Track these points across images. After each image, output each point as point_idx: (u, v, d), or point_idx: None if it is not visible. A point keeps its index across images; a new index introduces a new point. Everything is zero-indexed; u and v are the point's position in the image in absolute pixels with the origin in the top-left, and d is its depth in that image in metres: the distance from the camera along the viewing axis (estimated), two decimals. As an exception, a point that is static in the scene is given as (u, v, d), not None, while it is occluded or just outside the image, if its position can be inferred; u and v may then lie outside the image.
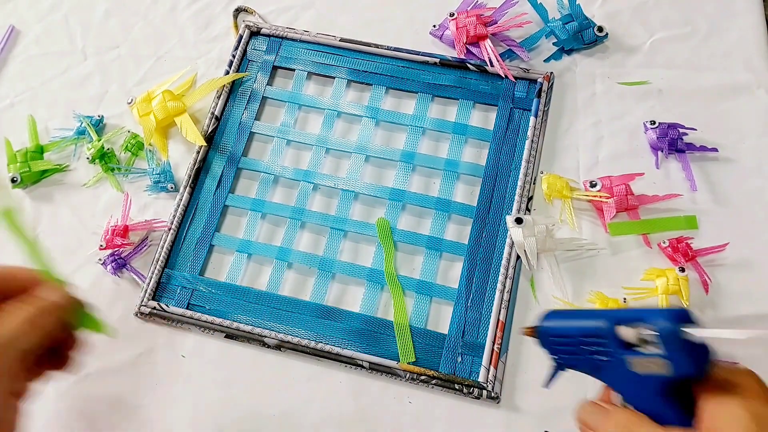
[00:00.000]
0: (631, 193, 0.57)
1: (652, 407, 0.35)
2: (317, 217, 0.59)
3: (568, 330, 0.38)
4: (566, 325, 0.39)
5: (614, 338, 0.35)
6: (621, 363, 0.35)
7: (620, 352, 0.35)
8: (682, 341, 0.33)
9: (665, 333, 0.33)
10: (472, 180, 0.60)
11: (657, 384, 0.34)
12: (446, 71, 0.64)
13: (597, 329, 0.36)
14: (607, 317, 0.36)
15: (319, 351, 0.53)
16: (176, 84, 0.65)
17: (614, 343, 0.35)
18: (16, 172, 0.61)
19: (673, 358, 0.33)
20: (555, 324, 0.39)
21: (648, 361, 0.34)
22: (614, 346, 0.35)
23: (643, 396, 0.35)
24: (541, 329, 0.40)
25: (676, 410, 0.34)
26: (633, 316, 0.35)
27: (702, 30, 0.65)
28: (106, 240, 0.58)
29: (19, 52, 0.70)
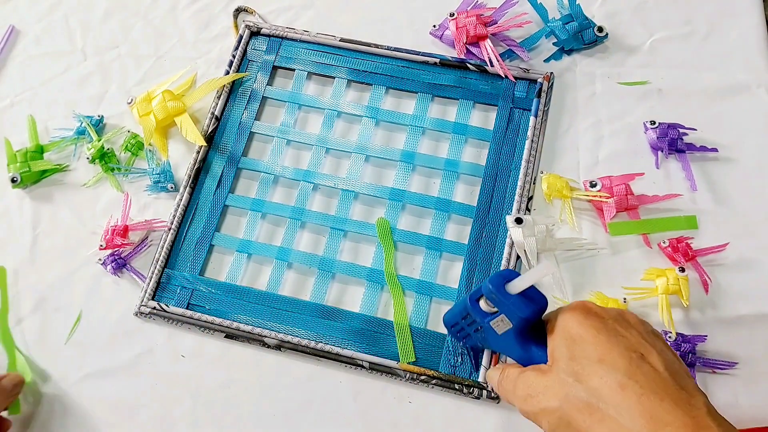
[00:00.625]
0: (631, 193, 0.57)
1: (519, 355, 0.43)
2: (317, 217, 0.59)
3: (454, 315, 0.47)
4: (453, 312, 0.47)
5: (477, 312, 0.43)
6: (489, 329, 0.43)
7: (483, 321, 0.43)
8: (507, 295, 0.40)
9: (489, 294, 0.41)
10: (472, 180, 0.60)
11: (512, 335, 0.42)
12: (446, 71, 0.64)
13: (464, 307, 0.44)
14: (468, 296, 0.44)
15: (319, 351, 0.53)
16: (176, 84, 0.65)
17: (477, 314, 0.43)
18: (16, 172, 0.61)
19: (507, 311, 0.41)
20: (449, 315, 0.48)
21: (498, 321, 0.42)
22: (479, 318, 0.43)
23: (511, 348, 0.43)
24: (444, 322, 0.49)
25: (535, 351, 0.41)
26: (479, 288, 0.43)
27: (702, 30, 0.65)
28: (106, 240, 0.58)
29: (19, 52, 0.70)
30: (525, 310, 0.40)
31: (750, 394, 0.51)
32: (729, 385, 0.51)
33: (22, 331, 0.57)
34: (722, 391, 0.51)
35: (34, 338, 0.57)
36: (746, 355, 0.52)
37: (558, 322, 0.40)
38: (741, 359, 0.52)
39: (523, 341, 0.42)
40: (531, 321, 0.41)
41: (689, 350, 0.51)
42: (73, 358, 0.56)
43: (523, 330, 0.41)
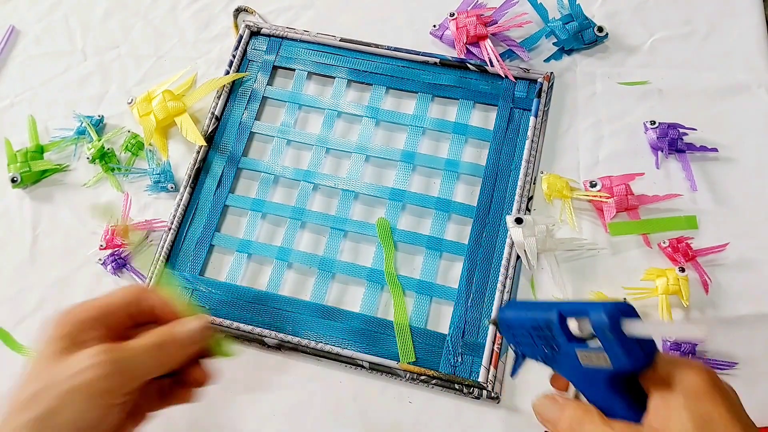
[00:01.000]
0: (631, 193, 0.57)
1: (601, 399, 0.35)
2: (317, 217, 0.59)
3: (522, 321, 0.39)
4: (521, 315, 0.39)
5: (561, 330, 0.35)
6: (569, 355, 0.35)
7: (567, 344, 0.35)
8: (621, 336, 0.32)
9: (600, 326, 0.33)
10: (472, 180, 0.60)
11: (603, 377, 0.34)
12: (446, 71, 0.64)
13: (546, 321, 0.36)
14: (557, 309, 0.36)
15: (319, 351, 0.53)
16: (176, 84, 0.65)
17: (561, 335, 0.35)
18: (16, 172, 0.61)
19: (612, 352, 0.33)
20: (512, 315, 0.40)
21: (592, 355, 0.34)
22: (561, 338, 0.35)
23: (592, 387, 0.35)
24: (500, 320, 0.41)
25: (624, 403, 0.34)
26: (577, 308, 0.35)
27: (702, 30, 0.65)
28: (106, 240, 0.58)
29: (19, 52, 0.70)
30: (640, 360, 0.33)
31: (750, 394, 0.51)
32: (729, 385, 0.51)
33: (23, 331, 0.57)
34: (722, 391, 0.51)
35: (35, 338, 0.57)
36: (746, 355, 0.52)
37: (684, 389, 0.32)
38: (741, 359, 0.52)
39: (613, 388, 0.34)
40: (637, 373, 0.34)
41: (689, 350, 0.51)
42: (74, 358, 0.56)
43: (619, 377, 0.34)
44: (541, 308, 0.38)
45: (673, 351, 0.51)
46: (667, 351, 0.51)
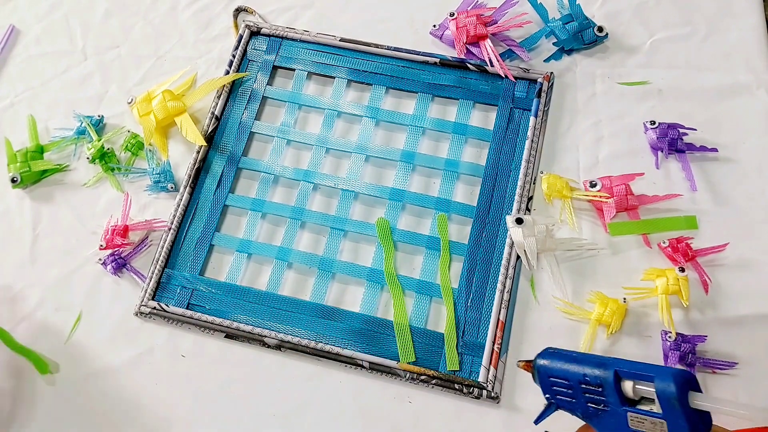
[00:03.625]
0: (631, 193, 0.57)
1: None
2: (317, 217, 0.59)
3: (568, 373, 0.37)
4: (567, 368, 0.37)
5: (615, 391, 0.34)
6: (618, 416, 0.34)
7: (619, 405, 0.34)
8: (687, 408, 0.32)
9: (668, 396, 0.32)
10: (472, 180, 0.60)
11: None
12: (446, 71, 0.64)
13: (599, 378, 0.35)
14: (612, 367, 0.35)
15: (319, 351, 0.53)
16: (176, 84, 0.65)
17: (614, 395, 0.34)
18: (16, 172, 0.61)
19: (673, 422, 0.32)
20: (556, 365, 0.38)
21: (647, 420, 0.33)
22: (614, 398, 0.34)
23: None
24: (540, 368, 0.39)
25: None
26: (639, 370, 0.34)
27: (702, 30, 0.65)
28: (106, 240, 0.58)
29: (19, 51, 0.70)
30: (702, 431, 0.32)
31: (750, 394, 0.51)
32: (729, 385, 0.51)
33: (23, 330, 0.57)
34: (722, 391, 0.51)
35: (35, 338, 0.57)
36: (746, 355, 0.52)
37: None
38: (741, 359, 0.52)
39: None
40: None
41: (689, 350, 0.51)
42: (74, 357, 0.56)
43: None
44: (590, 362, 0.36)
45: (673, 351, 0.51)
46: (668, 350, 0.51)
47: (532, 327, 0.54)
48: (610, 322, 0.52)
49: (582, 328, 0.54)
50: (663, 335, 0.52)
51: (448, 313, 0.54)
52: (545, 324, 0.54)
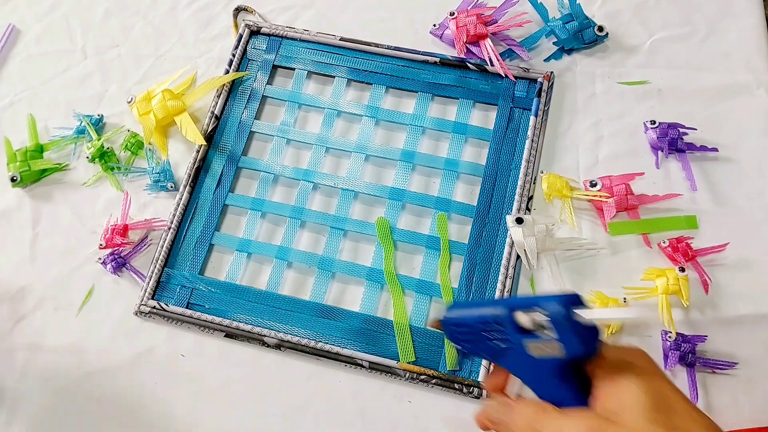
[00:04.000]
0: (631, 193, 0.57)
1: (551, 390, 0.36)
2: (317, 216, 0.59)
3: (467, 319, 0.40)
4: (466, 314, 0.40)
5: (511, 324, 0.36)
6: (519, 348, 0.36)
7: (517, 337, 0.36)
8: (573, 323, 0.34)
9: (556, 316, 0.34)
10: (472, 179, 0.60)
11: (553, 366, 0.35)
12: (446, 70, 0.64)
13: (495, 316, 0.37)
14: (504, 304, 0.37)
15: (319, 350, 0.53)
16: (176, 83, 0.65)
17: (512, 329, 0.36)
18: (15, 171, 0.61)
19: (565, 339, 0.34)
20: (456, 314, 0.41)
21: (543, 345, 0.35)
22: (512, 331, 0.36)
23: (542, 379, 0.36)
24: (445, 321, 0.42)
25: (573, 391, 0.35)
26: (528, 302, 0.36)
27: (702, 30, 0.65)
28: (105, 239, 0.58)
29: (19, 51, 0.70)
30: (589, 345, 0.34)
31: (750, 394, 0.51)
32: (729, 385, 0.51)
33: (23, 329, 0.57)
34: (722, 391, 0.51)
35: (35, 338, 0.57)
36: (746, 355, 0.52)
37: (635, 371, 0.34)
38: (741, 359, 0.52)
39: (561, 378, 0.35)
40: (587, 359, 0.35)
41: (689, 350, 0.51)
42: (73, 356, 0.56)
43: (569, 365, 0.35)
44: (487, 305, 0.39)
45: (673, 351, 0.51)
46: (668, 350, 0.51)
47: (532, 327, 0.54)
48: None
49: (582, 327, 0.53)
50: (663, 335, 0.52)
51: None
52: (545, 324, 0.54)
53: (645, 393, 0.33)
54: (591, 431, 0.32)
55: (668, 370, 0.51)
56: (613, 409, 0.33)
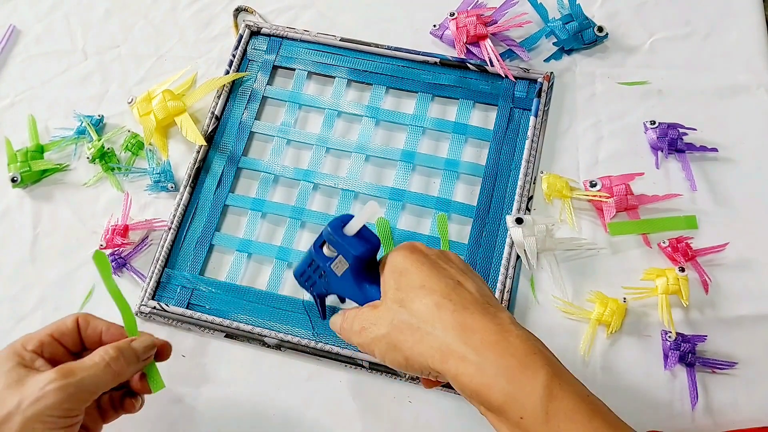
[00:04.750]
0: (631, 193, 0.57)
1: (358, 294, 0.45)
2: (317, 216, 0.59)
3: (301, 267, 0.49)
4: (300, 263, 0.49)
5: (320, 257, 0.46)
6: (330, 273, 0.46)
7: (325, 265, 0.46)
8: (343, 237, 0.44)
9: (328, 237, 0.44)
10: (472, 180, 0.60)
11: (350, 275, 0.45)
12: (446, 71, 0.64)
13: (309, 255, 0.47)
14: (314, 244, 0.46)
15: (319, 350, 0.53)
16: (176, 83, 0.65)
17: (321, 260, 0.46)
18: (16, 172, 0.61)
19: (342, 251, 0.44)
20: (298, 266, 0.49)
21: (338, 263, 0.45)
22: (322, 262, 0.46)
23: (350, 289, 0.46)
24: (294, 273, 0.50)
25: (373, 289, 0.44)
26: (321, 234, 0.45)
27: (702, 30, 0.65)
28: (106, 239, 0.58)
29: (19, 51, 0.70)
30: (358, 248, 0.43)
31: (750, 394, 0.51)
32: (729, 385, 0.51)
33: (23, 330, 0.57)
34: (722, 391, 0.51)
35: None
36: (746, 355, 0.52)
37: (387, 260, 0.43)
38: (741, 359, 0.52)
39: (359, 280, 0.45)
40: (365, 260, 0.44)
41: (689, 350, 0.51)
42: (73, 357, 0.56)
43: (359, 269, 0.44)
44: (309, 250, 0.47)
45: (673, 351, 0.51)
46: (668, 350, 0.51)
47: (532, 326, 0.54)
48: (610, 322, 0.52)
49: (582, 327, 0.54)
50: (663, 335, 0.52)
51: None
52: (545, 324, 0.54)
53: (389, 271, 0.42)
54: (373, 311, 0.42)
55: (668, 369, 0.51)
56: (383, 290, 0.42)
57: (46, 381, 0.38)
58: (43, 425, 0.37)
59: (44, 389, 0.37)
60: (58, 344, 0.42)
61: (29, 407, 0.37)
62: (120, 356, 0.42)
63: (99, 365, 0.40)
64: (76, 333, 0.43)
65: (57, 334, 0.42)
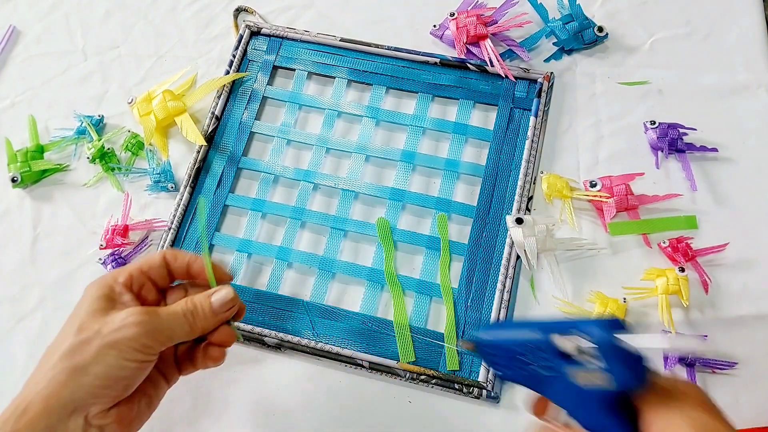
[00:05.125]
0: (631, 193, 0.57)
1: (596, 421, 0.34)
2: (317, 216, 0.59)
3: (504, 342, 0.37)
4: (502, 336, 0.37)
5: (551, 349, 0.34)
6: (561, 375, 0.34)
7: (560, 363, 0.34)
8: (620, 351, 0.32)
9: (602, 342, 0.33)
10: (472, 180, 0.60)
11: (599, 397, 0.33)
12: (446, 71, 0.64)
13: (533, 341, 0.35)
14: (541, 328, 0.35)
15: (319, 351, 0.53)
16: (177, 84, 0.65)
17: (552, 354, 0.34)
18: (16, 172, 0.61)
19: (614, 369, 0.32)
20: (492, 336, 0.38)
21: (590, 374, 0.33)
22: (553, 357, 0.34)
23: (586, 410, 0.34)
24: (479, 343, 0.39)
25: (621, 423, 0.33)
26: (566, 325, 0.34)
27: (702, 30, 0.65)
28: (106, 239, 0.58)
29: (19, 51, 0.70)
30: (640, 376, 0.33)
31: (750, 394, 0.51)
32: (729, 385, 0.51)
33: (23, 330, 0.57)
34: (722, 391, 0.51)
35: (35, 337, 0.57)
36: (746, 355, 0.52)
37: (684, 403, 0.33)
38: (741, 359, 0.52)
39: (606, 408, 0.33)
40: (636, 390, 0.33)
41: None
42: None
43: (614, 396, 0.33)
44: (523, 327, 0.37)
45: (673, 351, 0.51)
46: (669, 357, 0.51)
47: (532, 327, 0.54)
48: (610, 322, 0.52)
49: (582, 327, 0.54)
50: (663, 335, 0.52)
51: (448, 313, 0.54)
52: (545, 324, 0.54)
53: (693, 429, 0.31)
54: None
55: (668, 369, 0.51)
56: None
57: (129, 314, 0.40)
58: (118, 353, 0.38)
59: (125, 321, 0.39)
60: (147, 278, 0.43)
61: (109, 334, 0.39)
62: (197, 310, 0.42)
63: (178, 314, 0.42)
64: (164, 268, 0.44)
65: (146, 268, 0.43)
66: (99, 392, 0.38)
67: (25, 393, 0.38)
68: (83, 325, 0.39)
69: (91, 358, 0.38)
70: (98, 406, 0.38)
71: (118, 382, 0.39)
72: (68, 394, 0.37)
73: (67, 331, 0.39)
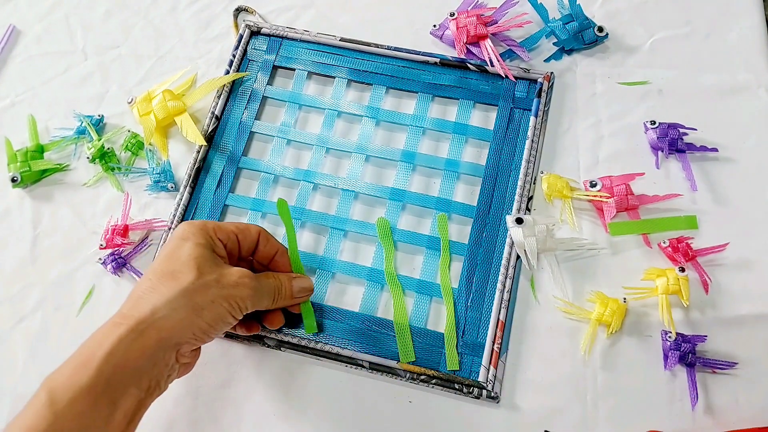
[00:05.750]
0: (631, 193, 0.57)
1: None
2: (317, 216, 0.59)
3: None
4: None
5: None
6: None
7: None
8: None
9: None
10: (472, 180, 0.60)
11: None
12: (446, 71, 0.64)
13: None
14: None
15: (319, 351, 0.53)
16: (176, 83, 0.65)
17: None
18: (16, 172, 0.61)
19: None
20: None
21: None
22: None
23: None
24: None
25: None
26: None
27: (702, 30, 0.65)
28: (106, 239, 0.58)
29: (19, 51, 0.70)
30: None
31: (750, 394, 0.51)
32: (729, 385, 0.51)
33: (23, 330, 0.57)
34: (722, 391, 0.51)
35: (35, 337, 0.57)
36: (746, 355, 0.52)
37: None
38: (741, 359, 0.52)
39: None
40: None
41: (689, 350, 0.51)
42: (73, 357, 0.56)
43: None
44: None
45: (673, 351, 0.51)
46: (668, 350, 0.51)
47: (532, 327, 0.54)
48: (610, 322, 0.52)
49: (582, 327, 0.54)
50: (663, 335, 0.52)
51: (448, 313, 0.54)
52: (545, 324, 0.54)
53: None
54: None
55: (668, 369, 0.51)
56: None
57: (243, 275, 0.44)
58: (229, 306, 0.43)
59: (241, 280, 0.44)
60: (237, 244, 0.47)
61: (226, 287, 0.43)
62: (282, 288, 0.49)
63: (271, 288, 0.47)
64: (254, 243, 0.48)
65: (241, 236, 0.47)
66: (200, 335, 0.42)
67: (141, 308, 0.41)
68: (202, 268, 0.43)
69: (207, 304, 0.42)
70: (190, 345, 0.43)
71: (217, 330, 0.43)
72: (180, 330, 0.41)
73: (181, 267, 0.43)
